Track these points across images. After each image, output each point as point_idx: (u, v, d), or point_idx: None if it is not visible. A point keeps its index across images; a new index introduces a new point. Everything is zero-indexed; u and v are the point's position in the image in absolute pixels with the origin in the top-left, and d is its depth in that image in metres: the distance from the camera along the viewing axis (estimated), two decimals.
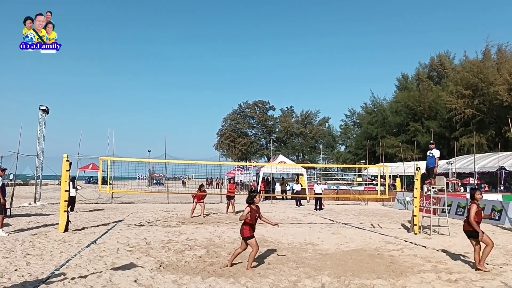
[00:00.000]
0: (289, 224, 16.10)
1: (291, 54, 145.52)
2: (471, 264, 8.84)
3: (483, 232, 8.20)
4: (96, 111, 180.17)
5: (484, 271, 8.11)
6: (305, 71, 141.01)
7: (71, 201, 18.03)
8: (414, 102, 53.20)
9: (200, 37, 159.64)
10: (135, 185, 36.93)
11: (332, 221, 17.64)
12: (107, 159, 18.04)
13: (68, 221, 12.80)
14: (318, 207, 23.49)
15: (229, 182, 19.95)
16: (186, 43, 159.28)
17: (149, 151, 51.72)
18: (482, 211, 8.73)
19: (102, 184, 18.70)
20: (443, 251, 10.57)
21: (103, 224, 14.66)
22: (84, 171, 51.14)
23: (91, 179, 65.23)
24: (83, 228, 13.40)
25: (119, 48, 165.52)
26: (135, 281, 6.99)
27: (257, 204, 8.39)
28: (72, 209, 18.31)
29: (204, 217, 17.85)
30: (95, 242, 10.80)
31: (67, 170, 12.81)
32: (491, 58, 48.13)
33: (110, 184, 21.02)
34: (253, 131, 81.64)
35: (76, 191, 19.39)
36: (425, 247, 11.13)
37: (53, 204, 22.56)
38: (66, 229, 12.45)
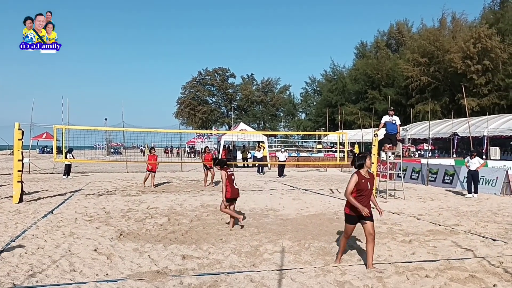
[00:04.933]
0: (250, 191, 16.24)
1: (252, 23, 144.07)
2: (425, 225, 9.25)
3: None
4: (49, 78, 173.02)
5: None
6: (265, 39, 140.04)
7: (68, 168, 21.52)
8: (372, 70, 54.02)
9: (160, 5, 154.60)
10: (92, 154, 36.07)
11: (293, 187, 17.93)
12: (61, 128, 17.39)
13: (22, 191, 12.37)
14: (281, 173, 23.74)
15: (205, 152, 19.59)
16: (145, 11, 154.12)
17: (106, 119, 50.48)
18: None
19: (57, 153, 18.05)
20: (398, 213, 10.98)
21: (59, 194, 14.26)
22: (38, 140, 49.32)
23: (45, 148, 63.27)
24: (39, 199, 12.99)
25: (74, 14, 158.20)
26: (95, 250, 6.87)
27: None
28: (67, 175, 21.41)
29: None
30: (52, 212, 10.51)
31: (19, 139, 12.28)
32: (446, 26, 49.24)
33: (65, 153, 20.38)
34: (213, 99, 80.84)
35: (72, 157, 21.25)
36: None
37: (6, 174, 21.72)
38: (20, 200, 12.05)
